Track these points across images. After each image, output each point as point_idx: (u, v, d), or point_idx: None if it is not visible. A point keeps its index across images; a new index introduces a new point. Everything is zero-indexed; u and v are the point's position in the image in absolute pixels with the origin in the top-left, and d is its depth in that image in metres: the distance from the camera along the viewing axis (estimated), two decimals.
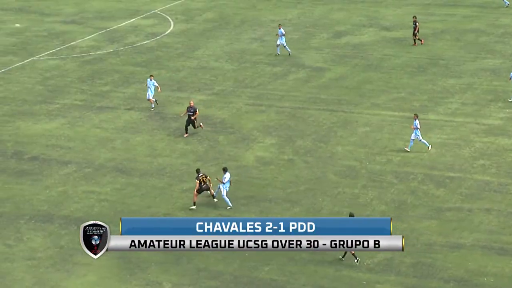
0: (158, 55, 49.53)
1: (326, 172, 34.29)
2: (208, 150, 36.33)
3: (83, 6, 60.43)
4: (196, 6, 60.94)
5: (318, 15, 58.92)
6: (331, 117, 40.21)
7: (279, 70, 46.97)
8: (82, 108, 40.97)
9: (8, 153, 35.69)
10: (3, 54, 49.28)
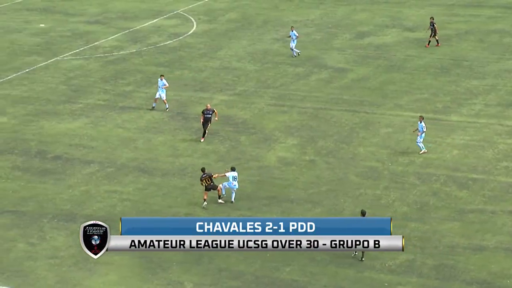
0: (180, 55, 49.67)
1: (347, 173, 34.19)
2: (229, 150, 36.37)
3: (106, 7, 60.76)
4: (219, 7, 61.03)
5: (341, 16, 58.78)
6: (353, 118, 40.11)
7: (301, 71, 46.92)
8: (105, 108, 41.18)
9: (32, 152, 35.96)
10: (27, 54, 49.66)
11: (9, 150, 36.07)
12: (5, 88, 43.79)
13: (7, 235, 29.17)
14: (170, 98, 42.45)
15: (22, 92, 43.33)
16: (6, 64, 47.67)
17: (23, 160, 35.14)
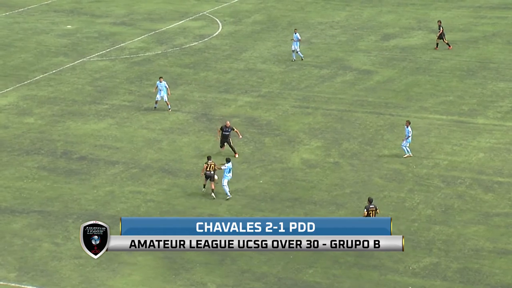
0: (205, 56, 49.81)
1: (372, 176, 34.07)
2: (254, 152, 36.40)
3: (133, 8, 61.08)
4: (245, 8, 61.11)
5: (367, 18, 58.60)
6: (378, 120, 39.96)
7: (326, 73, 46.84)
8: (130, 108, 41.40)
9: (58, 153, 36.24)
10: (54, 55, 50.07)
11: (35, 151, 36.39)
12: (32, 89, 44.20)
13: (33, 235, 29.43)
14: (195, 99, 42.61)
15: (49, 92, 43.70)
16: (33, 65, 48.10)
17: (49, 161, 35.43)
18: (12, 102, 42.33)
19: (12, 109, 41.37)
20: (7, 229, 29.89)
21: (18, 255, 28.11)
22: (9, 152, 36.20)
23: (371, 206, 28.37)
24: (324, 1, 63.61)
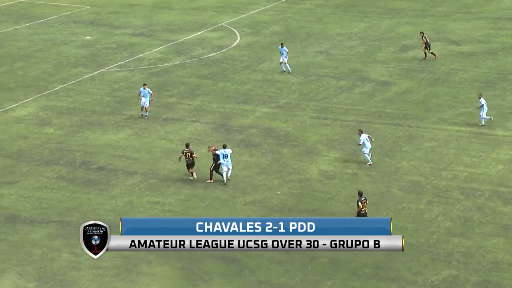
0: (224, 67, 49.93)
1: (390, 187, 33.97)
2: (272, 162, 36.40)
3: (152, 19, 61.38)
4: (263, 19, 61.25)
5: (385, 29, 58.55)
6: (396, 131, 39.86)
7: (344, 84, 46.81)
8: (149, 119, 41.53)
9: (77, 163, 36.41)
10: (74, 65, 50.37)
11: (55, 161, 36.58)
12: (52, 99, 44.47)
13: (52, 245, 29.55)
14: (213, 110, 42.71)
15: (68, 103, 43.95)
16: (53, 76, 48.41)
17: (68, 171, 35.60)
18: (32, 112, 42.60)
19: (32, 119, 41.64)
20: (27, 239, 30.04)
21: (37, 265, 28.24)
22: (29, 162, 36.41)
23: (363, 198, 29.47)
24: (342, 12, 63.66)
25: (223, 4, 66.17)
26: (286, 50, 48.21)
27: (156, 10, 64.23)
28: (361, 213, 29.42)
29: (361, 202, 29.42)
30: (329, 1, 67.37)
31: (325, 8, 64.99)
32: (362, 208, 29.35)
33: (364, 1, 67.13)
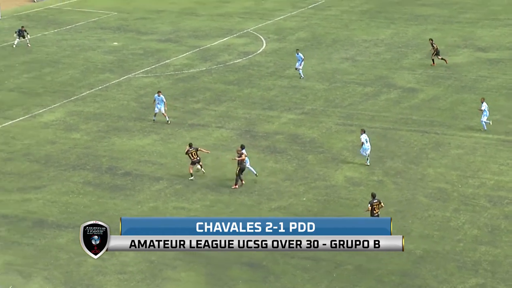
0: (249, 73, 50.00)
1: (416, 194, 33.79)
2: (297, 169, 36.36)
3: (178, 25, 61.66)
4: (289, 26, 61.28)
5: (412, 35, 58.32)
6: (423, 138, 39.66)
7: (370, 90, 46.68)
8: (174, 125, 41.69)
9: (103, 168, 36.63)
10: (101, 71, 50.72)
11: (81, 166, 36.83)
12: (79, 105, 44.80)
13: (78, 250, 29.66)
14: (239, 116, 42.77)
15: (95, 108, 44.25)
16: (80, 81, 48.78)
17: (95, 176, 35.82)
18: (60, 117, 42.94)
19: (59, 124, 41.97)
20: (54, 243, 30.26)
21: (64, 270, 28.43)
22: (56, 167, 36.70)
23: (375, 201, 29.49)
24: (369, 18, 63.51)
25: (249, 11, 66.32)
26: (301, 57, 48.32)
27: (182, 16, 64.52)
28: (374, 216, 29.40)
29: (372, 204, 29.46)
30: (355, 7, 67.25)
31: (352, 14, 64.89)
32: (374, 211, 29.38)
33: (391, 8, 66.94)
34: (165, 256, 29.00)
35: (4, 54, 54.00)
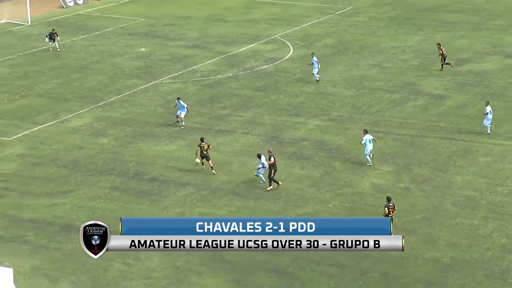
0: (276, 79, 49.99)
1: (443, 202, 33.52)
2: (323, 175, 36.25)
3: (206, 31, 61.84)
4: (316, 32, 61.21)
5: (440, 42, 57.93)
6: (451, 145, 39.36)
7: (397, 97, 46.45)
8: (201, 131, 41.78)
9: (130, 174, 36.78)
10: (128, 77, 51.00)
11: (108, 171, 37.02)
12: (106, 110, 45.07)
13: (104, 255, 29.45)
14: (265, 122, 42.75)
15: (122, 114, 44.48)
16: (108, 87, 49.09)
17: (121, 181, 35.98)
18: (87, 123, 43.23)
19: (87, 130, 42.25)
20: (80, 248, 30.16)
21: (90, 274, 28.57)
22: (83, 172, 36.93)
23: (390, 204, 29.95)
24: (396, 25, 63.26)
25: (276, 17, 66.36)
26: (316, 60, 48.61)
27: (210, 23, 64.72)
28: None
29: (388, 207, 29.90)
30: (383, 14, 67.03)
31: (379, 21, 64.68)
32: (388, 214, 29.83)
33: (419, 14, 66.63)
34: (191, 261, 29.04)
35: (34, 60, 54.52)
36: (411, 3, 70.57)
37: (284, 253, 29.34)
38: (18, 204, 33.75)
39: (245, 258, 29.09)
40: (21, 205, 33.66)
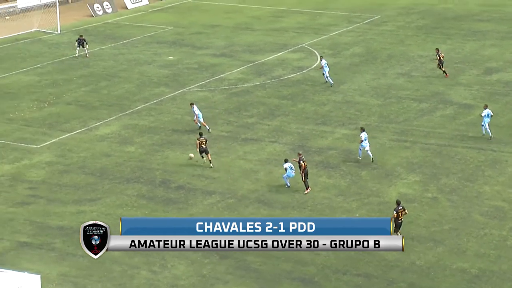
0: (303, 88, 49.95)
1: (471, 212, 33.21)
2: (350, 185, 36.11)
3: (233, 40, 61.99)
4: (344, 41, 61.09)
5: (469, 51, 57.57)
6: (479, 155, 39.01)
7: (425, 106, 46.17)
8: (228, 139, 41.84)
9: (157, 182, 36.91)
10: (156, 85, 51.24)
11: (135, 179, 37.18)
12: (134, 118, 45.30)
13: (131, 262, 29.97)
14: (292, 131, 42.69)
15: (150, 122, 44.68)
16: (135, 95, 49.35)
17: (148, 189, 36.11)
18: (115, 131, 43.48)
19: (114, 137, 42.49)
20: (107, 255, 30.28)
21: (117, 282, 28.67)
22: (111, 180, 37.12)
23: (400, 208, 30.13)
24: (425, 34, 62.94)
25: (304, 26, 66.36)
26: (326, 63, 49.67)
27: (237, 31, 64.88)
28: (397, 222, 29.89)
29: (398, 211, 30.05)
30: (411, 23, 66.74)
31: (407, 30, 64.41)
32: (399, 217, 29.98)
33: (447, 23, 66.25)
34: (217, 270, 29.04)
35: (63, 68, 55.01)
36: (439, 12, 70.21)
37: (310, 262, 29.27)
38: (46, 212, 34.01)
39: (271, 267, 29.03)
40: (49, 213, 33.91)
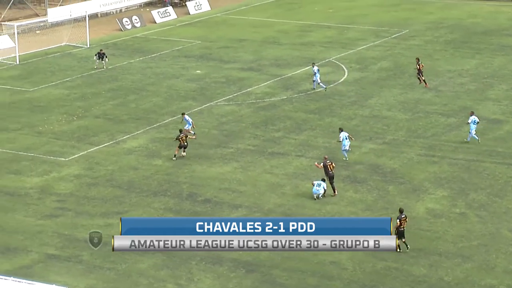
0: (330, 102, 49.89)
1: (500, 228, 32.88)
2: (377, 199, 35.93)
3: (260, 54, 62.12)
4: (371, 55, 60.98)
5: (498, 66, 57.17)
6: (508, 171, 38.65)
7: (453, 121, 45.89)
8: (255, 153, 41.87)
9: (184, 195, 37.01)
10: (183, 99, 51.47)
11: (162, 192, 37.31)
12: (161, 132, 45.51)
13: (158, 275, 30.03)
14: (319, 145, 42.62)
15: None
16: (163, 108, 49.60)
17: (175, 202, 36.22)
18: (142, 144, 43.71)
19: (142, 151, 42.71)
20: (134, 268, 30.66)
21: None
22: (138, 193, 37.29)
23: (403, 216, 30.57)
24: (453, 49, 62.63)
25: (331, 40, 66.36)
26: (317, 69, 50.93)
27: (265, 45, 65.02)
28: (399, 230, 30.21)
29: (400, 219, 30.39)
30: (439, 37, 66.46)
31: (435, 44, 64.14)
32: (401, 225, 30.36)
33: (476, 38, 65.88)
34: (242, 284, 28.97)
35: (92, 82, 55.46)
36: (468, 27, 69.86)
37: (336, 276, 29.13)
38: (74, 224, 34.23)
39: (296, 281, 28.92)
40: (76, 225, 34.13)
